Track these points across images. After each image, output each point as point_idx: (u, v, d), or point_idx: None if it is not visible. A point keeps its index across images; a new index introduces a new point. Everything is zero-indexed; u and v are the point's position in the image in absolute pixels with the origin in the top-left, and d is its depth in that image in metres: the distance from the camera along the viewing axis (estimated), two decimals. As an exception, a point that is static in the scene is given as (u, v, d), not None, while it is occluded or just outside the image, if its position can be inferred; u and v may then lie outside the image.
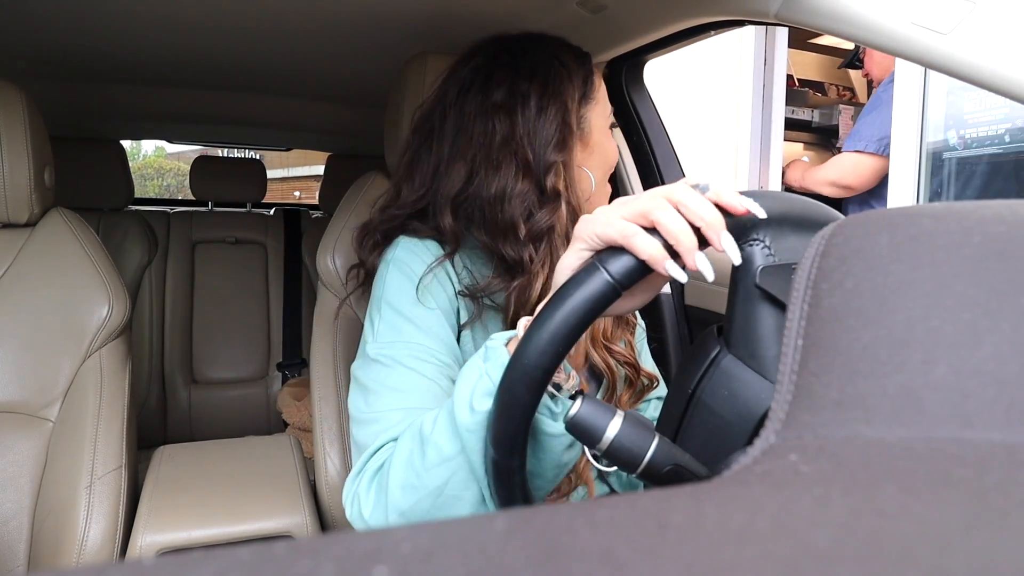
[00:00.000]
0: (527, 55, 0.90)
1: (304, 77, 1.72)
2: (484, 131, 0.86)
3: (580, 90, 0.90)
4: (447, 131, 0.89)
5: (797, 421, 0.25)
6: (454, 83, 0.91)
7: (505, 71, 0.88)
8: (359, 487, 0.72)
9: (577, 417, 0.49)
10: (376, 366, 0.79)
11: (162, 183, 11.87)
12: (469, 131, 0.86)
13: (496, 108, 0.86)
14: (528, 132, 0.85)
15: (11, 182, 1.06)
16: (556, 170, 0.84)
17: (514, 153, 0.84)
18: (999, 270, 0.25)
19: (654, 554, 0.16)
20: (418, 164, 0.91)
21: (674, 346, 1.42)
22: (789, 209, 0.50)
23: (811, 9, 0.79)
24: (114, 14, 1.21)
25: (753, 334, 0.47)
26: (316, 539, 0.16)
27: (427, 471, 0.65)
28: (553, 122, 0.85)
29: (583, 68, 0.92)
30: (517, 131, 0.85)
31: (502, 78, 0.87)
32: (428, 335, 0.80)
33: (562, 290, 0.48)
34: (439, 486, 0.65)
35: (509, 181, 0.84)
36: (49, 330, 1.08)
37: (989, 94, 0.81)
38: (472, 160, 0.86)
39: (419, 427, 0.68)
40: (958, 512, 0.18)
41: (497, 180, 0.84)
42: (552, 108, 0.85)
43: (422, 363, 0.78)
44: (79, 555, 0.96)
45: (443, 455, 0.64)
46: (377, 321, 0.83)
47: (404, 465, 0.67)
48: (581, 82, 0.90)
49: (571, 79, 0.89)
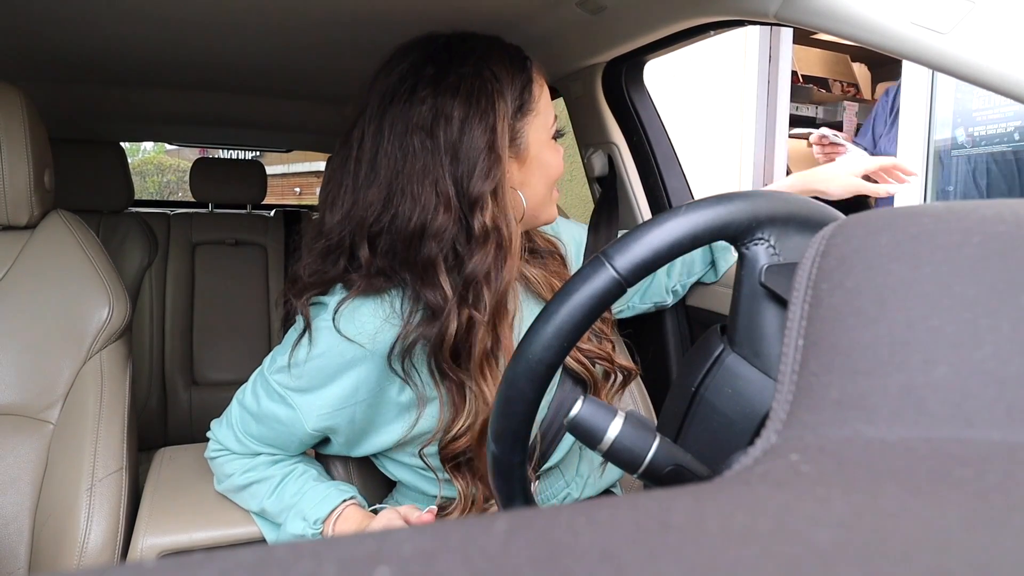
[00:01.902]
0: (453, 64, 0.79)
1: (304, 78, 1.72)
2: (403, 154, 0.77)
3: (515, 103, 0.81)
4: (365, 149, 0.79)
5: (798, 421, 0.25)
6: (377, 92, 0.81)
7: (428, 83, 0.78)
8: (214, 443, 0.96)
9: (578, 418, 0.49)
10: (274, 395, 0.86)
11: (162, 179, 11.88)
12: (387, 151, 0.77)
13: (416, 127, 0.76)
14: (451, 159, 0.76)
15: (11, 184, 1.06)
16: (483, 204, 0.76)
17: (435, 184, 0.76)
18: (1000, 270, 0.25)
19: (655, 554, 0.16)
20: (338, 186, 0.81)
21: (674, 346, 1.42)
22: (794, 209, 0.50)
23: (811, 9, 0.79)
24: (114, 16, 1.21)
25: (757, 332, 0.48)
26: (318, 540, 0.16)
27: (239, 493, 0.94)
28: (480, 148, 0.76)
29: (520, 76, 0.83)
30: (439, 158, 0.76)
31: (425, 92, 0.77)
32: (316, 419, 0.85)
33: (568, 285, 0.48)
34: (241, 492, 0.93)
35: (429, 215, 0.75)
36: (49, 332, 1.08)
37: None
38: (388, 186, 0.77)
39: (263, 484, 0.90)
40: (959, 512, 0.18)
41: (416, 213, 0.75)
42: (478, 130, 0.76)
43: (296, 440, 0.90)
44: (80, 558, 0.96)
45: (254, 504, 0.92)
46: (295, 356, 0.82)
47: (235, 477, 0.91)
48: (517, 93, 0.81)
49: (503, 92, 0.79)
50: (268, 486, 0.90)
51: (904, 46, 0.71)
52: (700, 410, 0.49)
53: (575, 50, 1.37)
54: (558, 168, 0.87)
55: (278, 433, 0.87)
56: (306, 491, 0.87)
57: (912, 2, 0.69)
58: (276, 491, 0.89)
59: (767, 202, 0.49)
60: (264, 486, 0.90)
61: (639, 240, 0.47)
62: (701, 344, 0.52)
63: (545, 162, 0.85)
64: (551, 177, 0.86)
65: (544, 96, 0.86)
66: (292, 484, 0.89)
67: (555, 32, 1.28)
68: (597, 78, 1.42)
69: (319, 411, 0.83)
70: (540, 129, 0.84)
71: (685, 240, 0.48)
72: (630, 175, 1.46)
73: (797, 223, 0.49)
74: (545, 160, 0.85)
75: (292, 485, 0.89)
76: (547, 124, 0.85)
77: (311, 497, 0.86)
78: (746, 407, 0.47)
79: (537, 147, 0.84)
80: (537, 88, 0.85)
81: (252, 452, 0.92)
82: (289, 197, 9.81)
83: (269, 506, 0.89)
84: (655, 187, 1.44)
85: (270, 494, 0.89)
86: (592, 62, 1.39)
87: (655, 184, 1.44)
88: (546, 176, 0.86)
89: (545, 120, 0.85)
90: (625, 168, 1.46)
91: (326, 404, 0.83)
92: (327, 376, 0.81)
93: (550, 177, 0.86)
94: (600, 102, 1.44)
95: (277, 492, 0.89)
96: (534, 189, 0.85)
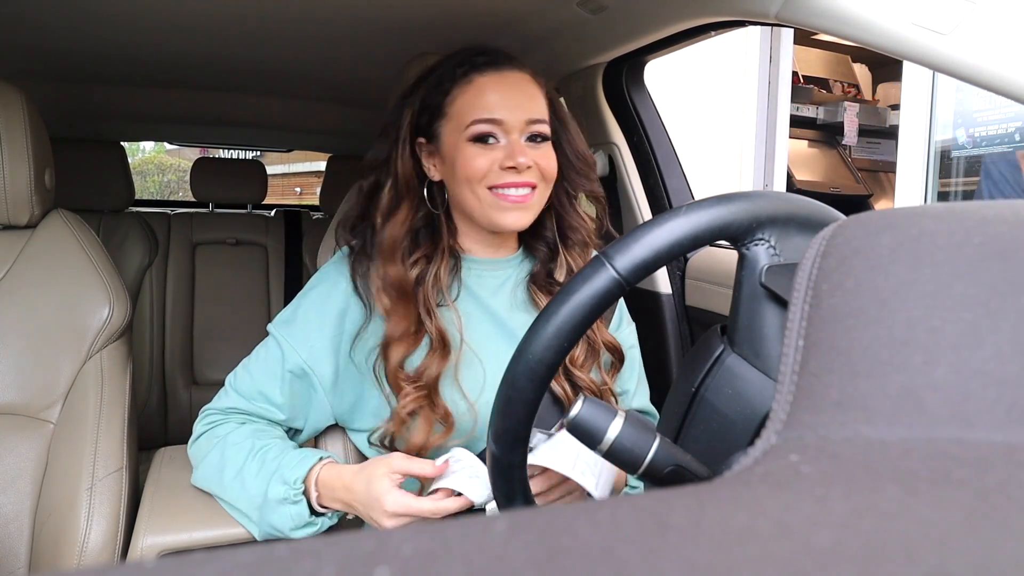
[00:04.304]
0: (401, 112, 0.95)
1: (304, 78, 1.72)
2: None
3: (426, 115, 0.92)
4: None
5: (798, 421, 0.25)
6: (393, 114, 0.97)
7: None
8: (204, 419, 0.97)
9: (578, 418, 0.49)
10: (266, 341, 0.96)
11: (162, 179, 11.87)
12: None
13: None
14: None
15: (11, 184, 1.06)
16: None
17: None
18: (1000, 270, 0.25)
19: (655, 555, 0.16)
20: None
21: (674, 346, 1.42)
22: (794, 209, 0.50)
23: (811, 10, 0.79)
24: (115, 16, 1.21)
25: (758, 333, 0.48)
26: (318, 540, 0.16)
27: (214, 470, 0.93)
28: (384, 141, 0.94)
29: (436, 82, 0.92)
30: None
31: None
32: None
33: (568, 285, 0.48)
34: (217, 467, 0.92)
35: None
36: (50, 332, 1.08)
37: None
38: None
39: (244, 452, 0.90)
40: (959, 512, 0.18)
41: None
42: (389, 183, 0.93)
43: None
44: (80, 557, 0.96)
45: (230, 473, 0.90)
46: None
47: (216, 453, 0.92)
48: (431, 97, 0.92)
49: (416, 99, 0.93)
50: (242, 449, 0.90)
51: (905, 47, 0.71)
52: (700, 410, 0.49)
53: (576, 50, 1.37)
54: (471, 170, 0.89)
55: (263, 372, 0.93)
56: (284, 457, 0.88)
57: (912, 3, 0.69)
58: (256, 455, 0.89)
59: (768, 202, 0.49)
60: (238, 449, 0.91)
61: (639, 240, 0.47)
62: (701, 344, 0.52)
63: (459, 163, 0.89)
64: (465, 178, 0.89)
65: (467, 100, 0.90)
66: (273, 450, 0.89)
67: (556, 32, 1.28)
68: (598, 78, 1.42)
69: (302, 336, 0.92)
70: (454, 131, 0.90)
71: (685, 240, 0.48)
72: (630, 175, 1.46)
73: (797, 223, 0.49)
74: (459, 161, 0.89)
75: (273, 450, 0.89)
76: (460, 127, 0.89)
77: (288, 461, 0.87)
78: (746, 407, 0.47)
79: (451, 148, 0.90)
80: (461, 92, 0.90)
81: (228, 409, 0.95)
82: (290, 197, 9.80)
83: (248, 470, 0.88)
84: (655, 187, 1.44)
85: (248, 456, 0.89)
86: (593, 62, 1.39)
87: (655, 184, 1.44)
88: (459, 177, 0.90)
89: (458, 123, 0.89)
90: (626, 168, 1.46)
91: (309, 326, 0.92)
92: (318, 303, 0.93)
93: (464, 178, 0.90)
94: (601, 102, 1.44)
95: (258, 456, 0.89)
96: (455, 188, 0.92)
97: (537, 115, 0.90)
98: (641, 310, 1.45)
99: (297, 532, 0.87)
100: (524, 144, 0.89)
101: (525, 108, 0.89)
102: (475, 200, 0.90)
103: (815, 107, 3.34)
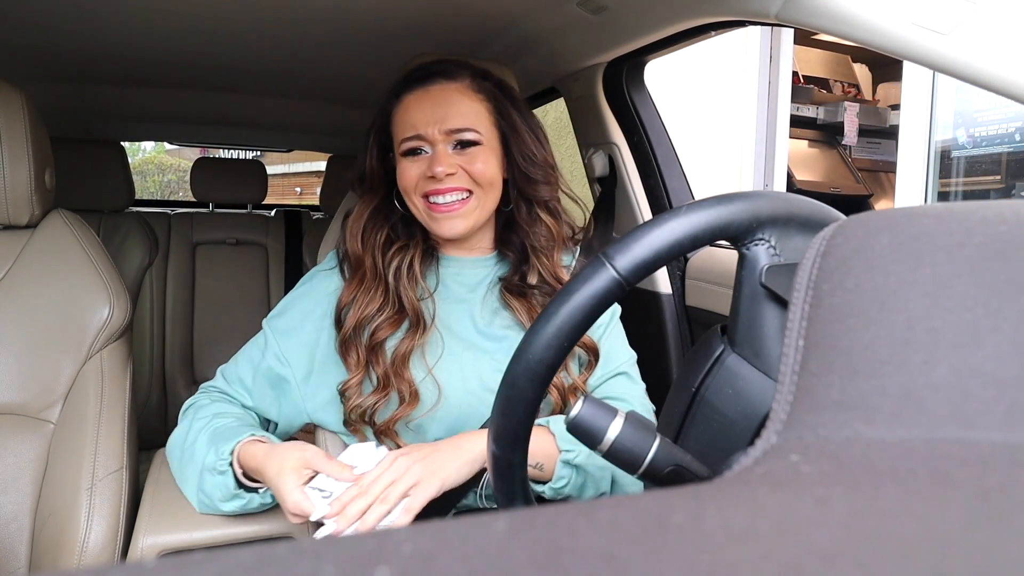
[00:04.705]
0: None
1: (304, 78, 1.72)
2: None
3: (384, 134, 0.98)
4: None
5: (798, 421, 0.25)
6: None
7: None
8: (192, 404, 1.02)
9: (578, 418, 0.49)
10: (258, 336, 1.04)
11: (162, 179, 11.86)
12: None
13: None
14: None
15: (11, 183, 1.06)
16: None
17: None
18: (1000, 270, 0.25)
19: (655, 555, 0.16)
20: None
21: (674, 346, 1.42)
22: (794, 209, 0.50)
23: (812, 10, 0.79)
24: (115, 16, 1.21)
25: (758, 333, 0.47)
26: (318, 540, 0.16)
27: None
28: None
29: (390, 97, 0.97)
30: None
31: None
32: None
33: (568, 285, 0.48)
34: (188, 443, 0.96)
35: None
36: (50, 332, 1.08)
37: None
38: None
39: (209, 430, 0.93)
40: (959, 512, 0.18)
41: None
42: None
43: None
44: (80, 557, 0.96)
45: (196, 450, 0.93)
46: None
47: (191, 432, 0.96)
48: (388, 114, 0.97)
49: (377, 128, 0.99)
50: (203, 419, 0.96)
51: (905, 47, 0.71)
52: (700, 410, 0.49)
53: (576, 50, 1.37)
54: (404, 182, 0.95)
55: (245, 358, 1.02)
56: (229, 430, 0.93)
57: (913, 3, 0.69)
58: (210, 426, 0.94)
59: (768, 202, 0.49)
60: (201, 422, 0.95)
61: (640, 240, 0.47)
62: (701, 344, 0.52)
63: (398, 177, 0.96)
64: (403, 190, 0.96)
65: (398, 119, 0.96)
66: (225, 423, 0.94)
67: (556, 32, 1.28)
68: (598, 78, 1.42)
69: (285, 328, 0.99)
70: (396, 148, 0.96)
71: (686, 240, 0.48)
72: (631, 175, 1.46)
73: (798, 223, 0.49)
74: (398, 175, 0.96)
75: (225, 423, 0.94)
76: (397, 144, 0.96)
77: (229, 434, 0.91)
78: (746, 407, 0.47)
79: (398, 162, 0.96)
80: (395, 112, 0.96)
81: (210, 387, 1.04)
82: (290, 197, 9.79)
83: (200, 439, 0.93)
84: (655, 187, 1.44)
85: (205, 426, 0.94)
86: (593, 62, 1.39)
87: (655, 184, 1.44)
88: (401, 189, 0.96)
89: (396, 141, 0.96)
90: (626, 168, 1.46)
91: (293, 319, 0.99)
92: (305, 297, 1.01)
93: (403, 190, 0.96)
94: (601, 102, 1.44)
95: (211, 427, 0.94)
96: (405, 199, 0.97)
97: (459, 124, 0.93)
98: (641, 310, 1.45)
99: (226, 505, 0.90)
100: (451, 153, 0.93)
101: (446, 119, 0.93)
102: (416, 210, 0.96)
103: (815, 107, 3.35)
